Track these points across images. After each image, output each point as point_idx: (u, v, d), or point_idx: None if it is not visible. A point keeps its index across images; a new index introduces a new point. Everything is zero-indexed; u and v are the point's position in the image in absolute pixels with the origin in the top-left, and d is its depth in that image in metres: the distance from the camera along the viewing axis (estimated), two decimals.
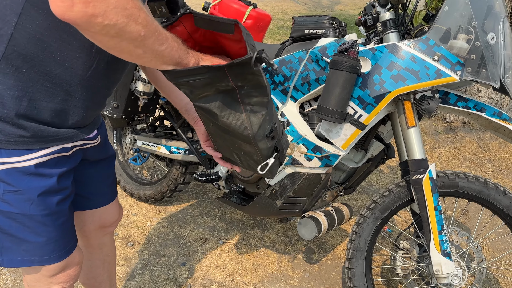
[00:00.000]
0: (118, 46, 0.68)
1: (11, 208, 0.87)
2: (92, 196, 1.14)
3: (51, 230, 0.93)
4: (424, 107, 1.40)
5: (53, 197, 0.91)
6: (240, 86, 0.86)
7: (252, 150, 1.01)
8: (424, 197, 1.44)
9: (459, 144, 3.03)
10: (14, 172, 0.85)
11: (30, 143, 0.84)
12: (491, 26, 1.33)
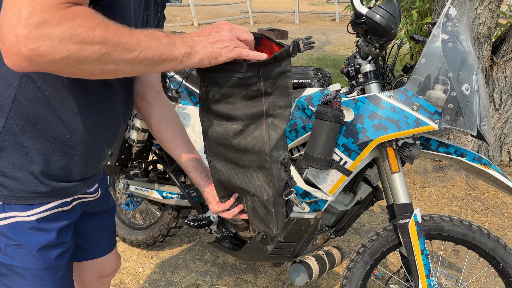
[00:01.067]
0: (87, 71, 0.68)
1: (11, 261, 0.89)
2: (92, 247, 1.16)
3: (49, 284, 0.94)
4: (406, 154, 1.45)
5: (52, 251, 0.93)
6: (268, 93, 0.89)
7: (263, 181, 0.98)
8: (411, 241, 1.47)
9: (448, 183, 3.09)
10: (16, 226, 0.88)
11: (32, 198, 0.87)
12: (466, 77, 1.41)
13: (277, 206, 1.02)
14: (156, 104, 1.10)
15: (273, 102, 0.91)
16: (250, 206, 1.04)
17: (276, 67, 0.87)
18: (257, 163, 0.95)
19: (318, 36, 10.93)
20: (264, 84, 0.87)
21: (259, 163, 0.95)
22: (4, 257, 0.89)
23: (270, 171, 0.96)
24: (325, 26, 13.61)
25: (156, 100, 1.11)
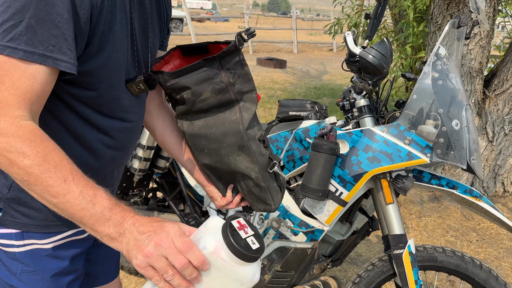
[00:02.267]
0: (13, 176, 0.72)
1: (25, 287, 0.93)
2: (99, 274, 1.19)
3: None
4: (400, 186, 1.51)
5: (65, 278, 0.97)
6: (232, 82, 1.01)
7: (246, 160, 1.07)
8: (405, 271, 1.51)
9: (443, 213, 3.12)
10: (33, 254, 0.92)
11: (50, 227, 0.92)
12: (455, 113, 1.48)
13: (267, 180, 1.11)
14: (159, 115, 1.16)
15: (239, 90, 1.03)
16: (246, 189, 1.12)
17: (231, 59, 0.99)
18: (237, 145, 1.05)
19: (316, 66, 11.15)
20: (225, 75, 0.99)
21: (239, 144, 1.04)
22: (19, 282, 0.93)
23: (250, 149, 1.05)
24: (323, 55, 13.90)
25: (159, 111, 1.16)
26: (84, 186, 0.72)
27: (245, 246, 0.72)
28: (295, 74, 9.70)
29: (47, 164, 0.69)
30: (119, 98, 0.93)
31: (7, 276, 0.93)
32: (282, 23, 25.10)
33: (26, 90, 0.71)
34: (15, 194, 0.89)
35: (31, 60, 0.70)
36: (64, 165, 0.71)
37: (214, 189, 1.18)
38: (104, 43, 0.82)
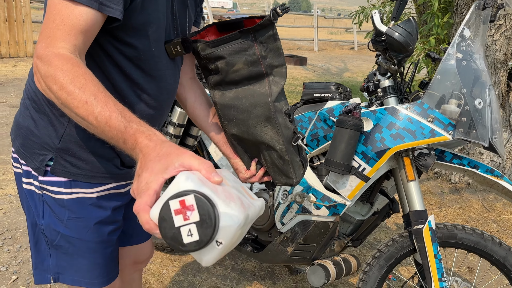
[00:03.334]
0: None
1: (71, 233, 1.02)
2: (133, 233, 1.29)
3: (99, 256, 1.06)
4: (422, 163, 1.56)
5: (106, 227, 1.06)
6: (263, 56, 1.06)
7: (272, 132, 1.12)
8: (425, 246, 1.55)
9: (464, 204, 3.13)
10: (79, 201, 1.01)
11: (95, 178, 1.01)
12: (479, 93, 1.52)
13: (290, 154, 1.16)
14: (190, 88, 1.23)
15: (270, 63, 1.08)
16: (269, 161, 1.17)
17: (265, 33, 1.05)
18: (264, 116, 1.10)
19: (336, 63, 11.14)
20: (258, 47, 1.05)
21: (266, 115, 1.10)
22: (65, 229, 1.02)
23: (276, 120, 1.11)
24: (344, 54, 13.85)
25: (190, 85, 1.23)
26: (103, 107, 0.74)
27: (174, 235, 0.62)
28: (315, 71, 9.72)
29: (72, 87, 0.74)
30: (159, 57, 1.01)
31: (55, 223, 1.03)
32: (303, 22, 25.06)
33: (72, 27, 0.79)
34: (65, 144, 0.97)
35: (80, 2, 0.79)
36: (89, 87, 0.75)
37: (239, 161, 1.23)
38: (147, 2, 0.91)
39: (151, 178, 0.67)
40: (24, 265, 2.20)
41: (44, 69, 0.76)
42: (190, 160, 0.68)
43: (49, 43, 0.78)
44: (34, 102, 0.98)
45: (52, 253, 1.06)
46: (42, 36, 0.80)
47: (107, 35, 0.90)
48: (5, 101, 5.25)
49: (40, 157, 0.98)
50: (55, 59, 0.76)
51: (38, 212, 1.03)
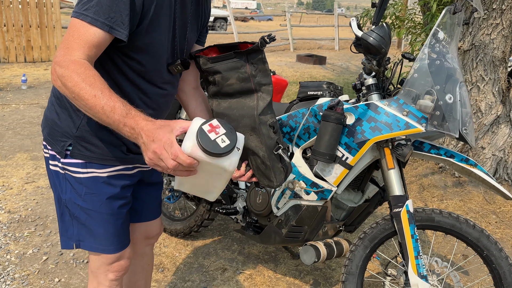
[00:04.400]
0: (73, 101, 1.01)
1: (87, 206, 1.26)
2: (143, 211, 1.52)
3: (112, 226, 1.29)
4: (399, 152, 1.73)
5: (116, 202, 1.29)
6: (253, 74, 1.26)
7: (256, 140, 1.30)
8: (403, 227, 1.73)
9: (465, 197, 3.25)
10: (93, 179, 1.25)
11: (106, 160, 1.25)
12: (450, 89, 1.69)
13: (272, 160, 1.34)
14: (193, 96, 1.46)
15: (258, 82, 1.29)
16: (254, 165, 1.36)
17: (255, 56, 1.25)
18: (250, 126, 1.30)
19: (356, 62, 11.20)
20: (249, 67, 1.25)
21: (252, 125, 1.29)
22: (83, 202, 1.27)
23: (260, 131, 1.29)
24: None
25: (193, 93, 1.46)
26: (108, 99, 0.96)
27: (213, 145, 0.94)
28: (334, 70, 9.83)
29: (83, 84, 0.96)
30: (159, 70, 1.25)
31: (75, 197, 1.27)
32: (326, 21, 25.06)
33: (86, 41, 1.01)
34: (81, 133, 1.22)
35: (94, 24, 1.01)
36: (97, 85, 0.97)
37: None
38: (151, 27, 1.14)
39: (166, 137, 0.93)
40: (53, 248, 2.49)
41: (61, 71, 1.00)
42: (186, 122, 0.97)
43: (67, 52, 1.02)
44: (58, 99, 1.24)
45: (74, 223, 1.30)
46: (61, 46, 1.04)
47: (116, 50, 1.14)
48: (37, 103, 5.65)
49: (61, 143, 1.23)
50: (71, 64, 1.00)
51: (62, 188, 1.27)
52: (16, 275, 2.22)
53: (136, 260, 1.65)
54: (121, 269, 1.38)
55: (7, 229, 2.66)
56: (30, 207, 2.95)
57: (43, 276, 2.23)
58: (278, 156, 1.36)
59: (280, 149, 1.35)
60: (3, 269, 2.26)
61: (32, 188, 3.25)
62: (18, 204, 2.99)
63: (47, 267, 2.31)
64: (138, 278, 1.69)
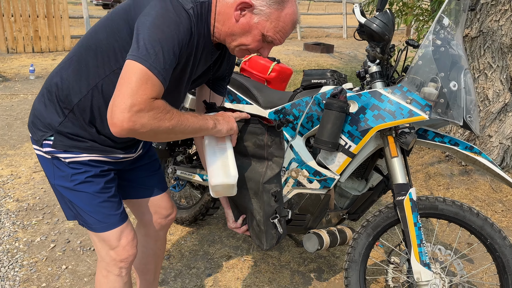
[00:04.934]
0: (156, 137, 1.14)
1: (74, 187, 1.31)
2: (145, 187, 1.56)
3: (101, 201, 1.33)
4: (402, 140, 1.72)
5: (101, 179, 1.34)
6: (269, 145, 1.40)
7: (257, 204, 1.43)
8: (405, 215, 1.73)
9: (472, 186, 3.23)
10: (76, 163, 1.31)
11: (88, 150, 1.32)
12: (455, 76, 1.67)
13: (267, 226, 1.45)
14: None
15: (271, 152, 1.42)
16: (250, 223, 1.49)
17: (274, 131, 1.42)
18: (254, 190, 1.42)
19: (364, 50, 11.08)
20: (267, 137, 1.40)
21: (255, 190, 1.42)
22: (69, 183, 1.32)
23: (261, 198, 1.41)
24: None
25: None
26: (188, 113, 1.22)
27: None
28: (342, 58, 9.74)
29: (175, 113, 1.15)
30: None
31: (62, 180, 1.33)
32: (334, 9, 24.77)
33: (156, 88, 1.08)
34: (61, 129, 1.29)
35: (157, 76, 1.08)
36: (182, 114, 1.18)
37: (230, 212, 1.58)
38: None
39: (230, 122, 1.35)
40: (60, 235, 2.53)
41: (152, 112, 1.07)
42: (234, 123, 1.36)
43: (147, 98, 1.08)
44: (49, 92, 1.30)
45: (67, 203, 1.37)
46: (126, 96, 1.06)
47: None
48: None
49: (41, 133, 1.30)
50: (154, 104, 1.08)
51: (50, 173, 1.34)
52: (24, 262, 2.27)
53: (149, 243, 1.68)
54: (128, 255, 1.41)
55: (15, 217, 2.71)
56: (38, 196, 2.99)
57: (51, 263, 2.27)
58: (273, 224, 1.47)
59: (276, 218, 1.45)
60: (12, 256, 2.31)
61: (40, 177, 3.29)
62: (26, 192, 3.03)
63: (54, 254, 2.35)
64: (149, 261, 1.72)
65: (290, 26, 1.25)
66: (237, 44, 1.27)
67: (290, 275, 2.29)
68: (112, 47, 1.20)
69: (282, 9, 1.20)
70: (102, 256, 1.41)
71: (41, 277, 2.15)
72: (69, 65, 1.27)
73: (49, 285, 2.10)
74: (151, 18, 1.10)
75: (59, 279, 2.15)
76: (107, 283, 1.43)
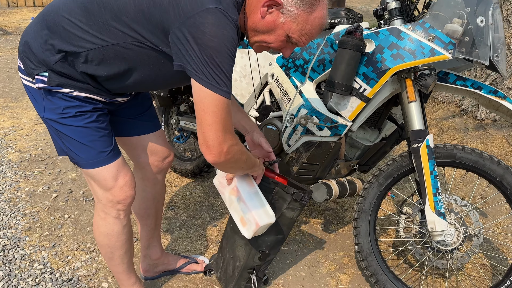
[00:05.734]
0: (233, 169, 1.35)
1: (64, 121, 1.24)
2: (138, 123, 1.50)
3: (92, 136, 1.26)
4: (422, 83, 1.59)
5: (93, 113, 1.26)
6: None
7: (242, 253, 1.61)
8: (421, 163, 1.62)
9: (487, 140, 3.11)
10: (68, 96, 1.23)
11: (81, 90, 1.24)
12: (482, 11, 1.51)
13: (241, 276, 1.61)
14: None
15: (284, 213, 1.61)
16: (226, 266, 1.63)
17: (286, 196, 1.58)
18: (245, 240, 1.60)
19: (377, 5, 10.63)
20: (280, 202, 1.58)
21: (247, 240, 1.58)
22: (60, 118, 1.24)
23: (250, 250, 1.58)
24: None
25: None
26: (254, 161, 1.41)
27: None
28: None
29: (246, 157, 1.30)
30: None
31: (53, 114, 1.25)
32: None
33: (229, 115, 1.15)
34: (57, 68, 1.20)
35: (226, 97, 1.12)
36: (250, 156, 1.36)
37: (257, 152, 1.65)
38: None
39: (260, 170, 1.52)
40: (63, 186, 2.48)
41: (236, 148, 1.21)
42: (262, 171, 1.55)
43: (228, 130, 1.17)
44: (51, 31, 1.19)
45: (58, 137, 1.29)
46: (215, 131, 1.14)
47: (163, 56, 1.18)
48: None
49: (33, 67, 1.21)
50: (236, 141, 1.22)
51: (40, 105, 1.25)
52: (26, 211, 2.23)
53: (147, 187, 1.62)
54: (125, 196, 1.34)
55: (17, 167, 2.66)
56: (40, 147, 2.93)
57: (53, 212, 2.23)
58: (249, 278, 1.60)
59: (253, 274, 1.58)
60: (14, 205, 2.27)
61: (42, 129, 3.22)
62: (28, 144, 2.97)
63: (57, 204, 2.31)
64: (148, 206, 1.66)
65: (317, 30, 1.20)
66: (258, 40, 1.21)
67: (296, 226, 2.23)
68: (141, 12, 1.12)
69: (312, 13, 1.14)
70: (98, 197, 1.35)
71: (43, 226, 2.12)
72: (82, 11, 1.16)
73: (52, 234, 2.06)
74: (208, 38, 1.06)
75: (62, 227, 2.11)
76: (105, 226, 1.37)
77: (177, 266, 1.84)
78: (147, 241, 1.74)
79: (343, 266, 1.97)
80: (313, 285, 1.85)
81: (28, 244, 1.98)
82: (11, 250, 1.93)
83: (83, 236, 2.06)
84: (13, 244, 1.97)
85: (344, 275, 1.92)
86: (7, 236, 2.02)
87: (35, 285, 1.74)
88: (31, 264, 1.85)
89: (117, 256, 1.46)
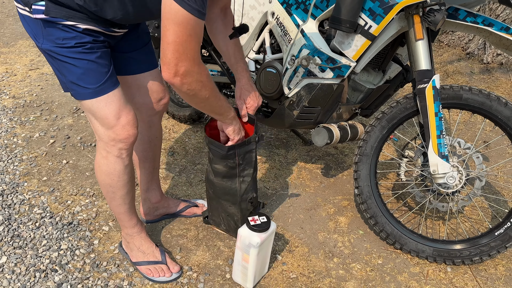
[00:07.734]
0: (192, 100, 1.25)
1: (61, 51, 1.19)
2: (135, 61, 1.43)
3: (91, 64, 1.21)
4: (431, 19, 1.50)
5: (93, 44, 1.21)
6: (240, 163, 1.54)
7: (235, 211, 1.63)
8: (426, 104, 1.57)
9: (492, 84, 3.03)
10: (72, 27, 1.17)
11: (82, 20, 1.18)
12: None
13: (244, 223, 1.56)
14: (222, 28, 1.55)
15: (243, 169, 1.57)
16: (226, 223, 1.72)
17: (246, 148, 1.53)
18: (231, 202, 1.62)
19: None
20: (238, 158, 1.52)
21: (233, 202, 1.62)
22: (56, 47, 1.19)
23: (240, 206, 1.62)
24: None
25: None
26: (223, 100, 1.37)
27: None
28: None
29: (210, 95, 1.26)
30: None
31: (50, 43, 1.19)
32: None
33: (200, 38, 1.10)
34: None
35: (195, 15, 1.04)
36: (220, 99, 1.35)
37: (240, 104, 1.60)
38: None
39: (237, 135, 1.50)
40: (59, 132, 2.44)
41: (195, 78, 1.17)
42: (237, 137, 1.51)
43: (195, 55, 1.13)
44: None
45: (58, 69, 1.24)
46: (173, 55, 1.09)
47: None
48: None
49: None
50: (201, 70, 1.19)
51: (38, 35, 1.19)
52: (23, 156, 2.21)
53: (143, 129, 1.59)
54: (128, 135, 1.32)
55: (12, 113, 2.60)
56: (35, 93, 2.86)
57: (51, 158, 2.21)
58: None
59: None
60: (11, 151, 2.24)
61: (37, 74, 3.13)
62: (22, 90, 2.90)
63: (54, 149, 2.28)
64: (145, 148, 1.64)
65: None
66: None
67: (296, 171, 2.22)
68: None
69: None
70: (99, 135, 1.32)
71: (41, 171, 2.10)
72: None
73: (50, 179, 2.05)
74: None
75: (60, 173, 2.10)
76: (106, 164, 1.35)
77: (178, 209, 1.84)
78: (146, 184, 1.72)
79: (342, 209, 1.98)
80: (312, 227, 1.86)
81: (26, 189, 1.97)
82: (10, 195, 1.92)
83: (82, 181, 2.05)
84: (11, 189, 1.96)
85: (343, 218, 1.92)
86: (5, 181, 2.01)
87: (35, 228, 1.75)
88: (31, 208, 1.86)
89: (119, 197, 1.44)
